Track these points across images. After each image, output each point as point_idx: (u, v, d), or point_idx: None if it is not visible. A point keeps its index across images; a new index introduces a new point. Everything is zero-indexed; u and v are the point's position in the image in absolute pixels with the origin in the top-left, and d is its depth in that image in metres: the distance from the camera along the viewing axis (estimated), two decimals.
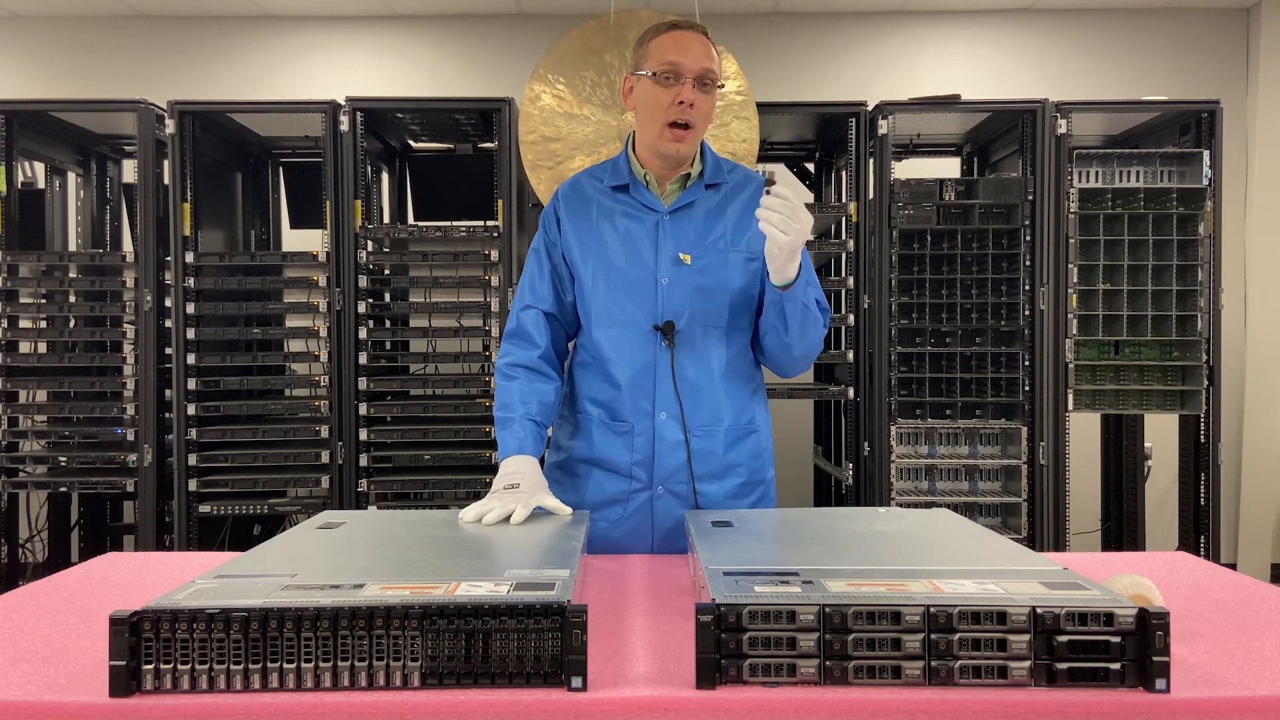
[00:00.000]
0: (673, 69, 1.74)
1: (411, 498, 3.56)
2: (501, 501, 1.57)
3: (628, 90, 1.85)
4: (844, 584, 1.09)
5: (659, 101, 1.76)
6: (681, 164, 1.83)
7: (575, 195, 1.89)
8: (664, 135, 1.76)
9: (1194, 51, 4.88)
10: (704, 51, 1.76)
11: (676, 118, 1.75)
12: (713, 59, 1.77)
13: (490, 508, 1.55)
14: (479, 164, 3.94)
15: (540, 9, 4.86)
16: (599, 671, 1.06)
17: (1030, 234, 3.45)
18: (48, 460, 3.66)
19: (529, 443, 1.75)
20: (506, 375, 1.85)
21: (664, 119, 1.75)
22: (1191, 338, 3.45)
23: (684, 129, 1.75)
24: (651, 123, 1.78)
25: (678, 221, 1.82)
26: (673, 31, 1.78)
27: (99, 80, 4.86)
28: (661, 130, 1.76)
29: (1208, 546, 3.55)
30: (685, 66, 1.74)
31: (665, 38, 1.77)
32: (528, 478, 1.68)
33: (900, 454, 3.50)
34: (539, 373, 1.85)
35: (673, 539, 1.80)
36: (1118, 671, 1.01)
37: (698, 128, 1.77)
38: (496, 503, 1.56)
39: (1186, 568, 1.62)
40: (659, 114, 1.76)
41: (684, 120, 1.75)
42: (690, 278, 1.79)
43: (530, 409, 1.79)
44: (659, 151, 1.79)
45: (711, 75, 1.76)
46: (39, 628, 1.27)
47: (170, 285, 3.46)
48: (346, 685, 1.01)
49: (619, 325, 1.81)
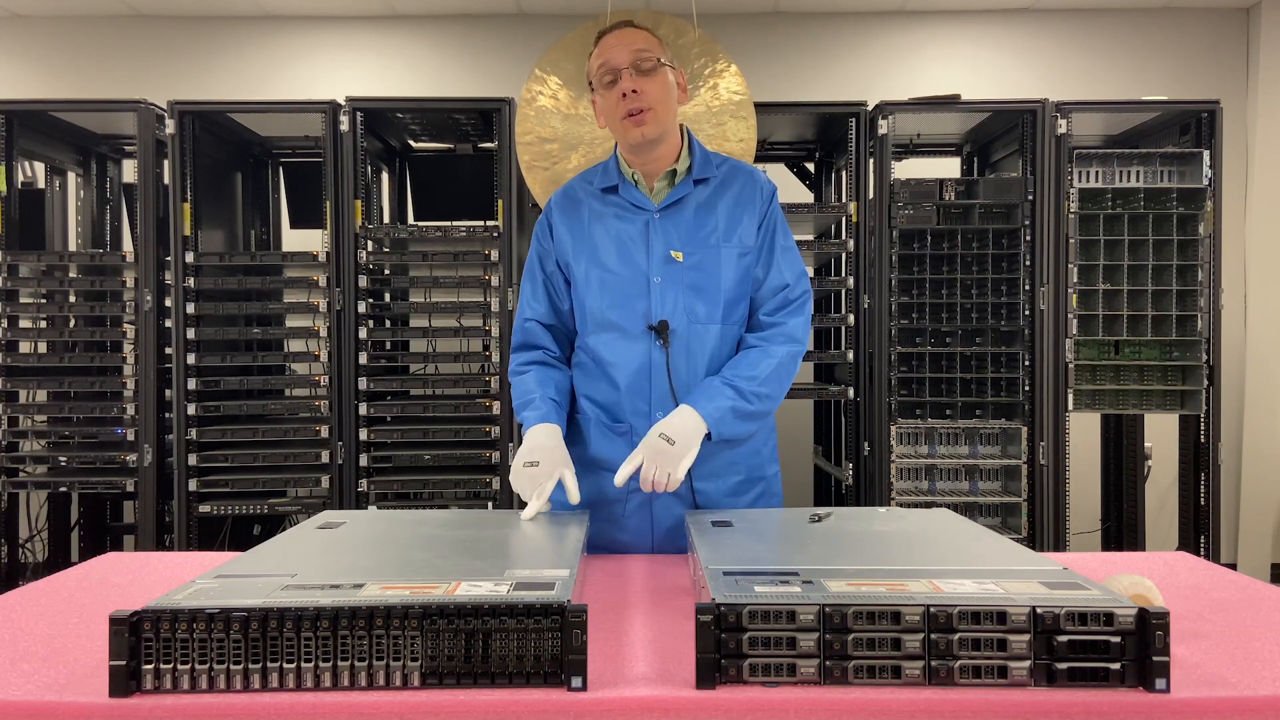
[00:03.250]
0: (606, 69, 1.79)
1: (411, 498, 3.56)
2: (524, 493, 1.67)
3: (597, 113, 1.88)
4: (844, 584, 1.09)
5: (609, 105, 1.79)
6: (659, 153, 1.83)
7: (568, 201, 1.90)
8: (625, 127, 1.78)
9: (1194, 51, 4.88)
10: (630, 39, 1.78)
11: (628, 110, 1.76)
12: (643, 41, 1.79)
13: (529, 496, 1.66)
14: (479, 164, 3.94)
15: (540, 9, 4.86)
16: (599, 671, 1.06)
17: (1030, 234, 3.45)
18: (48, 460, 3.66)
19: (551, 414, 1.79)
20: (519, 372, 1.89)
21: (619, 117, 1.78)
22: (1191, 338, 3.45)
23: (639, 113, 1.76)
24: (613, 125, 1.81)
25: (668, 219, 1.82)
26: (601, 40, 1.82)
27: (99, 80, 4.86)
28: (621, 125, 1.78)
29: (1208, 546, 3.55)
30: (615, 61, 1.77)
31: (596, 48, 1.83)
32: (548, 451, 1.71)
33: (900, 454, 3.50)
34: (551, 366, 1.90)
35: (673, 538, 1.80)
36: (1118, 671, 1.01)
37: (656, 109, 1.77)
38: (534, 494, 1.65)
39: (1186, 568, 1.62)
40: (615, 115, 1.79)
41: (634, 108, 1.76)
42: (683, 275, 1.80)
43: (548, 391, 1.84)
44: (630, 145, 1.80)
45: (645, 57, 1.77)
46: (39, 628, 1.27)
47: (170, 285, 3.46)
48: (346, 685, 1.01)
49: (613, 327, 1.81)
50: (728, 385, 1.75)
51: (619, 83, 1.76)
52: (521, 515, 1.58)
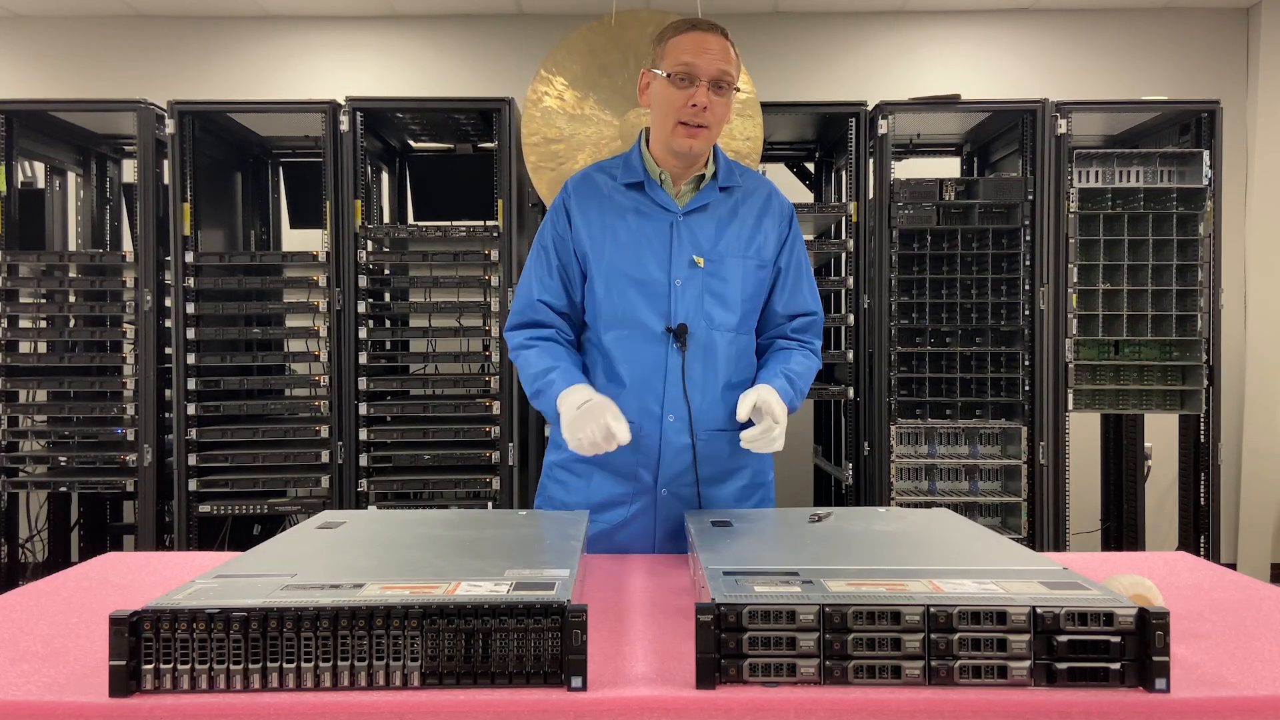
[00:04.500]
0: (688, 71, 1.73)
1: (411, 498, 3.56)
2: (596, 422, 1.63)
3: (644, 85, 1.83)
4: (844, 584, 1.09)
5: (672, 102, 1.75)
6: (695, 162, 1.82)
7: (587, 188, 1.85)
8: (677, 132, 1.76)
9: (1194, 51, 4.88)
10: (721, 54, 1.75)
11: (689, 119, 1.74)
12: (730, 61, 1.76)
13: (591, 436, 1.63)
14: (479, 164, 3.94)
15: (540, 9, 4.86)
16: (599, 671, 1.06)
17: (1030, 234, 3.45)
18: (48, 460, 3.66)
19: (577, 375, 1.76)
20: (527, 346, 1.82)
21: (676, 119, 1.75)
22: (1191, 338, 3.45)
23: (697, 128, 1.75)
24: (665, 121, 1.77)
25: (692, 223, 1.81)
26: (691, 32, 1.76)
27: (99, 80, 4.86)
28: (675, 128, 1.76)
29: (1208, 546, 3.55)
30: (700, 69, 1.73)
31: (683, 38, 1.76)
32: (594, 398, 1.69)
33: (900, 454, 3.50)
34: (558, 343, 1.84)
35: (674, 538, 1.80)
36: (1118, 671, 1.01)
37: (712, 129, 1.76)
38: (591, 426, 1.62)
39: (1186, 568, 1.62)
40: (672, 114, 1.75)
41: (697, 121, 1.74)
42: (703, 281, 1.79)
43: (564, 361, 1.79)
44: (672, 147, 1.78)
45: (727, 78, 1.75)
46: (39, 628, 1.27)
47: (170, 285, 3.46)
48: (346, 685, 1.01)
49: (629, 325, 1.79)
50: (783, 375, 1.79)
51: (694, 90, 1.73)
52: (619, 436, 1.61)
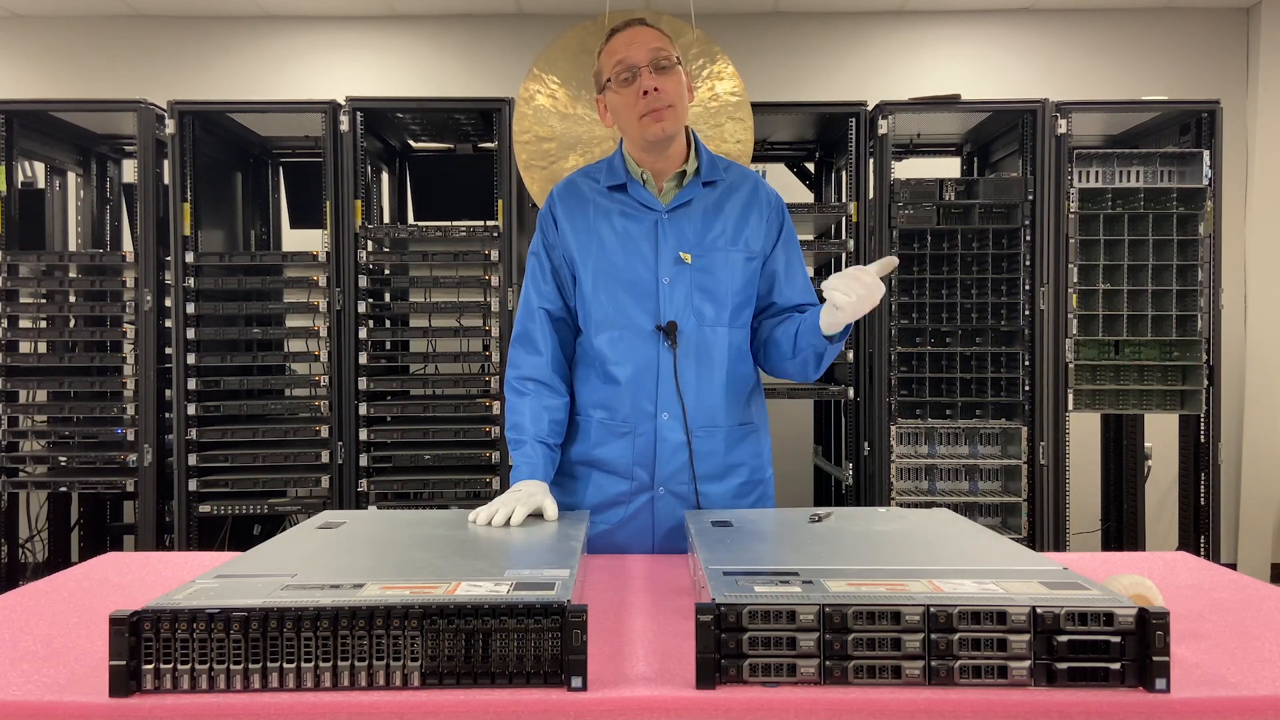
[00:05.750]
0: (625, 66, 1.76)
1: (411, 498, 3.56)
2: (505, 504, 1.59)
3: (602, 111, 1.86)
4: (844, 584, 1.09)
5: (627, 102, 1.77)
6: (672, 148, 1.82)
7: (571, 196, 1.87)
8: (644, 124, 1.76)
9: (1194, 51, 4.88)
10: (648, 37, 1.78)
11: (647, 108, 1.75)
12: (661, 39, 1.78)
13: (495, 510, 1.57)
14: (479, 164, 3.94)
15: (540, 9, 4.86)
16: (599, 671, 1.06)
17: (1030, 234, 3.45)
18: (48, 460, 3.66)
19: (540, 467, 1.76)
20: (517, 391, 1.84)
21: (637, 114, 1.76)
22: (1191, 338, 3.45)
23: (660, 110, 1.75)
24: (630, 122, 1.79)
25: (677, 220, 1.81)
26: (614, 37, 1.80)
27: (99, 80, 4.86)
28: (640, 121, 1.77)
29: (1208, 546, 3.55)
30: (634, 57, 1.76)
31: (610, 45, 1.81)
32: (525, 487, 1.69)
33: (900, 454, 3.50)
34: (548, 387, 1.84)
35: (674, 539, 1.80)
36: (1118, 671, 1.01)
37: (676, 106, 1.77)
38: (500, 505, 1.59)
39: (1186, 568, 1.62)
40: (632, 112, 1.77)
41: (654, 106, 1.75)
42: (691, 277, 1.79)
43: (540, 429, 1.79)
44: (646, 139, 1.78)
45: (664, 55, 1.76)
46: (39, 628, 1.27)
47: (170, 285, 3.46)
48: (346, 685, 1.01)
49: (619, 326, 1.80)
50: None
51: (638, 80, 1.75)
52: (511, 520, 1.54)
